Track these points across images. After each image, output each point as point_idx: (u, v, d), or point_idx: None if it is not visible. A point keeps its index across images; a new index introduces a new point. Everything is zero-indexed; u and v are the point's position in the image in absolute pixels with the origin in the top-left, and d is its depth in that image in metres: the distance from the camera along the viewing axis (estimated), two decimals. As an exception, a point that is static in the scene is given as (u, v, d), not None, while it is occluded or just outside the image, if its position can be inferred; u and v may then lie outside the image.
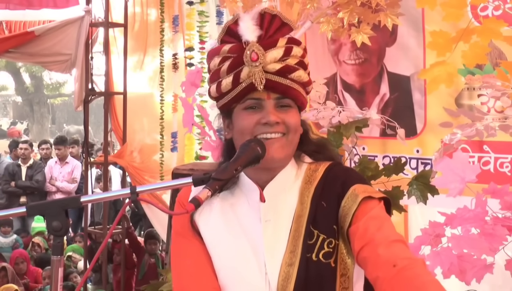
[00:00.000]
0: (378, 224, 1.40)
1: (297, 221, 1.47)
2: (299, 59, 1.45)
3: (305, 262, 1.43)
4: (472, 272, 2.21)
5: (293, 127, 1.46)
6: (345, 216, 1.43)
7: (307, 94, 1.50)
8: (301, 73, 1.45)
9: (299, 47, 1.46)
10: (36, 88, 19.89)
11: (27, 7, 5.54)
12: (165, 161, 5.55)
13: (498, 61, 2.75)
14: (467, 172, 2.18)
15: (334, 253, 1.43)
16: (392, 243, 1.36)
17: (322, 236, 1.44)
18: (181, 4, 5.42)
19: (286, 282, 1.43)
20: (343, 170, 1.55)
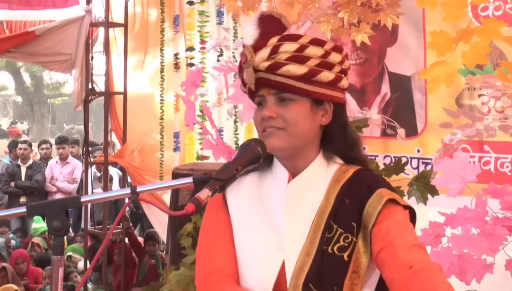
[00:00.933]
0: (400, 228, 1.46)
1: (320, 215, 1.52)
2: (291, 54, 1.51)
3: (321, 253, 1.48)
4: (472, 272, 2.21)
5: (291, 121, 1.51)
6: (370, 216, 1.47)
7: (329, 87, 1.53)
8: (290, 67, 1.50)
9: (295, 43, 1.52)
10: (36, 88, 19.88)
11: (27, 7, 5.54)
12: (165, 160, 5.55)
13: (499, 62, 2.75)
14: (467, 172, 2.18)
15: (349, 248, 1.47)
16: (411, 247, 1.42)
17: (340, 230, 1.49)
18: (182, 4, 5.42)
19: (301, 271, 1.47)
20: (373, 175, 1.61)
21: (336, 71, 1.54)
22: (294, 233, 1.52)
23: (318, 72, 1.51)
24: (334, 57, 1.54)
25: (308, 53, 1.52)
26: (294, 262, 1.49)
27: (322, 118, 1.55)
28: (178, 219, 3.62)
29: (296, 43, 1.52)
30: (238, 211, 1.60)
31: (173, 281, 2.65)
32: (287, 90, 1.52)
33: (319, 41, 1.56)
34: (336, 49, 1.56)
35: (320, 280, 1.46)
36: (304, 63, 1.51)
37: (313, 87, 1.52)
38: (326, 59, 1.53)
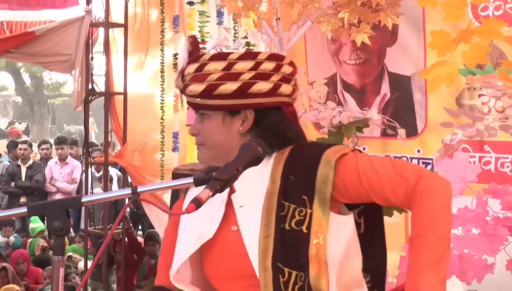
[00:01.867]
0: (370, 172, 1.52)
1: (269, 197, 1.56)
2: (192, 74, 1.62)
3: (279, 231, 1.52)
4: (473, 272, 2.21)
5: (205, 135, 1.63)
6: (325, 182, 1.52)
7: (237, 96, 1.59)
8: (192, 87, 1.60)
9: (195, 63, 1.62)
10: (36, 88, 19.88)
11: (27, 7, 5.54)
12: (165, 160, 5.55)
13: (499, 61, 2.75)
14: (467, 172, 2.18)
15: (306, 221, 1.51)
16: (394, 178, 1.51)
17: (293, 206, 1.54)
18: (182, 4, 5.42)
19: (266, 253, 1.52)
20: (308, 145, 1.68)
21: (245, 79, 1.57)
22: (248, 221, 1.57)
23: (218, 86, 1.57)
24: (241, 66, 1.59)
25: (207, 70, 1.59)
26: (256, 248, 1.53)
27: (240, 126, 1.61)
28: (178, 219, 3.61)
29: (197, 62, 1.61)
30: (183, 219, 1.70)
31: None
32: (196, 108, 1.64)
33: (221, 55, 1.63)
34: (244, 57, 1.60)
35: (287, 257, 1.51)
36: (203, 80, 1.59)
37: (215, 101, 1.59)
38: (231, 71, 1.58)
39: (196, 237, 1.63)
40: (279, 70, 1.61)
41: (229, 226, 1.62)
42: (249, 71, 1.58)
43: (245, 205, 1.60)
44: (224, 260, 1.61)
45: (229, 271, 1.60)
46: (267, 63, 1.60)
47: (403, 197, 1.51)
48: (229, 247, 1.60)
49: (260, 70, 1.59)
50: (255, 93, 1.58)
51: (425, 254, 1.43)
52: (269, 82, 1.59)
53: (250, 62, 1.59)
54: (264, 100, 1.59)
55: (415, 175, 1.50)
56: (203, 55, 1.63)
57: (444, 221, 1.49)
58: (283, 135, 1.63)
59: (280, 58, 1.65)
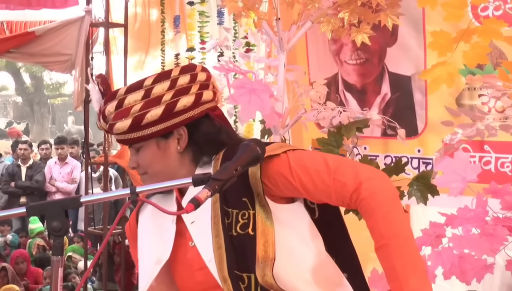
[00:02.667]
0: (305, 177, 1.51)
1: (214, 207, 1.57)
2: (114, 113, 1.60)
3: (229, 239, 1.54)
4: (473, 272, 2.21)
5: (145, 165, 1.64)
6: (255, 184, 1.54)
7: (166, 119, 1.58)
8: (117, 125, 1.58)
9: (113, 101, 1.60)
10: (36, 88, 19.89)
11: (26, 7, 5.54)
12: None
13: (499, 61, 2.74)
14: (468, 172, 2.18)
15: (250, 223, 1.53)
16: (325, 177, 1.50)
17: (235, 210, 1.55)
18: (182, 4, 5.41)
19: (221, 264, 1.53)
20: (240, 146, 1.63)
21: (168, 100, 1.56)
22: (201, 236, 1.59)
23: (143, 115, 1.56)
24: (158, 89, 1.58)
25: (127, 104, 1.58)
26: (213, 261, 1.54)
27: (178, 145, 1.62)
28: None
29: (115, 100, 1.60)
30: (140, 232, 1.74)
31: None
32: (129, 143, 1.63)
33: (135, 85, 1.60)
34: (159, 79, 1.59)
35: (240, 262, 1.52)
36: (127, 115, 1.57)
37: (146, 131, 1.58)
38: (150, 97, 1.57)
39: (154, 261, 1.64)
40: (195, 80, 1.61)
41: (186, 243, 1.63)
42: (168, 91, 1.58)
43: (195, 220, 1.60)
44: (190, 276, 1.63)
45: (197, 285, 1.62)
46: (182, 77, 1.60)
47: (340, 201, 1.51)
48: (191, 263, 1.62)
49: (178, 86, 1.59)
50: (181, 110, 1.58)
51: (398, 260, 1.40)
52: (190, 95, 1.59)
53: (166, 83, 1.59)
54: (192, 114, 1.59)
55: (353, 179, 1.47)
56: (117, 91, 1.61)
57: (400, 222, 1.45)
58: (216, 141, 1.64)
59: (192, 68, 1.65)
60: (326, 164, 1.52)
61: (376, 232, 1.45)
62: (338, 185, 1.48)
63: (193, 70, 1.63)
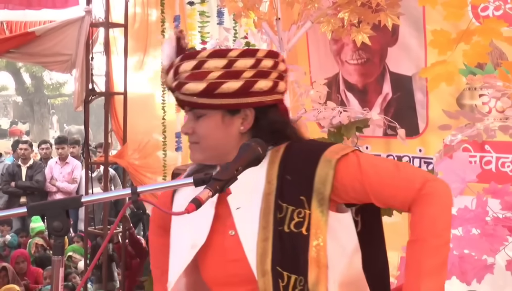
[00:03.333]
0: (372, 172, 1.50)
1: (266, 199, 1.53)
2: (190, 72, 1.54)
3: (278, 234, 1.49)
4: (473, 273, 2.21)
5: (202, 135, 1.57)
6: (323, 183, 1.49)
7: (239, 95, 1.54)
8: (189, 85, 1.53)
9: (192, 60, 1.54)
10: (37, 88, 19.88)
11: (27, 7, 5.54)
12: (168, 160, 5.55)
13: (499, 61, 2.74)
14: (467, 172, 2.18)
15: (305, 222, 1.49)
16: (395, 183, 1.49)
17: (291, 207, 1.50)
18: (182, 4, 5.41)
19: (264, 257, 1.49)
20: (305, 143, 1.63)
21: (247, 77, 1.53)
22: (246, 224, 1.54)
23: (219, 84, 1.51)
24: (241, 64, 1.53)
25: (207, 68, 1.52)
26: (254, 251, 1.50)
27: (241, 125, 1.57)
28: (178, 219, 3.61)
29: (194, 60, 1.54)
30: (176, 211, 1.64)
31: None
32: (193, 107, 1.57)
33: (220, 52, 1.56)
34: (244, 55, 1.55)
35: (286, 260, 1.48)
36: (203, 78, 1.52)
37: (217, 100, 1.53)
38: (232, 68, 1.53)
39: (190, 245, 1.60)
40: (276, 68, 1.58)
41: (225, 230, 1.58)
42: (250, 69, 1.54)
43: (242, 206, 1.56)
44: (222, 266, 1.58)
45: (228, 277, 1.57)
46: (266, 60, 1.56)
47: (404, 200, 1.49)
48: (226, 252, 1.57)
49: (260, 68, 1.55)
50: (256, 92, 1.54)
51: (427, 258, 1.42)
52: (269, 80, 1.56)
53: (250, 60, 1.54)
54: (264, 99, 1.56)
55: (420, 178, 1.48)
56: (199, 52, 1.56)
57: (446, 226, 1.48)
58: (281, 132, 1.60)
59: (276, 55, 1.61)
60: (394, 162, 1.55)
61: (418, 226, 1.46)
62: (406, 183, 1.48)
63: (276, 58, 1.59)
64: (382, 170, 1.50)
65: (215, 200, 1.56)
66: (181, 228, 1.64)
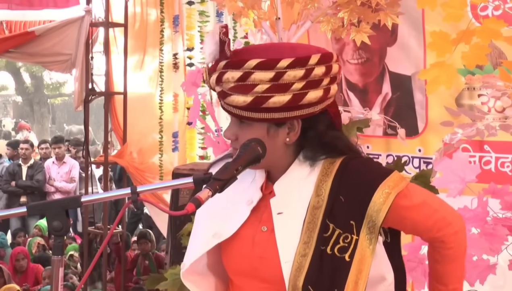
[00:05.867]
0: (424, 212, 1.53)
1: (312, 212, 1.47)
2: (235, 83, 1.45)
3: (319, 254, 1.44)
4: (475, 274, 2.21)
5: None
6: (377, 211, 1.45)
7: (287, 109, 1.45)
8: (234, 98, 1.45)
9: (238, 70, 1.44)
10: (36, 88, 19.87)
11: (28, 7, 5.54)
12: (164, 161, 5.55)
13: (499, 61, 2.74)
14: (467, 172, 2.18)
15: (350, 248, 1.44)
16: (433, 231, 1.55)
17: (338, 230, 1.45)
18: (181, 4, 5.42)
19: (299, 272, 1.43)
20: (363, 163, 1.55)
21: (296, 90, 1.43)
22: (286, 233, 1.49)
23: (266, 99, 1.42)
24: (291, 76, 1.42)
25: (253, 80, 1.43)
26: (290, 263, 1.45)
27: (287, 137, 1.49)
28: (179, 219, 3.61)
29: (240, 70, 1.44)
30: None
31: (169, 280, 2.64)
32: (237, 118, 1.49)
33: (269, 63, 1.43)
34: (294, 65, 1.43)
35: (320, 281, 1.43)
36: (249, 92, 1.43)
37: (263, 114, 1.44)
38: (279, 81, 1.42)
39: (212, 233, 1.56)
40: (329, 73, 1.48)
41: (258, 225, 1.54)
42: (300, 80, 1.43)
43: (284, 212, 1.50)
44: (247, 260, 1.54)
45: (252, 270, 1.54)
46: (318, 68, 1.45)
47: (435, 237, 1.55)
48: (255, 247, 1.53)
49: (311, 78, 1.44)
50: (306, 104, 1.45)
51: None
52: (319, 90, 1.46)
53: (300, 71, 1.43)
54: (314, 109, 1.47)
55: (456, 222, 1.56)
56: (246, 62, 1.44)
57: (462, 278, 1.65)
58: (332, 145, 1.52)
59: (329, 58, 1.49)
60: (438, 201, 1.60)
61: (454, 276, 1.59)
62: (444, 223, 1.54)
63: (329, 61, 1.48)
64: (426, 210, 1.54)
65: (255, 201, 1.54)
66: (207, 216, 1.60)
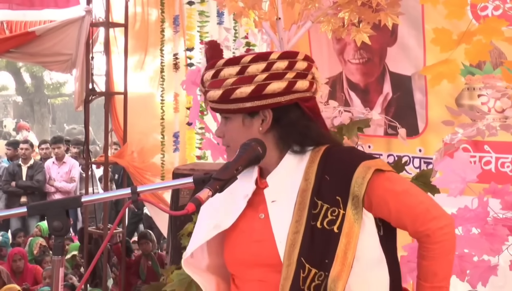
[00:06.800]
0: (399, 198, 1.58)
1: (302, 195, 1.60)
2: (210, 81, 1.66)
3: (310, 229, 1.55)
4: (477, 275, 2.21)
5: (229, 137, 1.68)
6: (359, 185, 1.55)
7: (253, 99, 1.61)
8: (210, 93, 1.65)
9: (212, 69, 1.66)
10: (37, 88, 19.88)
11: (29, 8, 5.54)
12: (166, 161, 5.55)
13: (499, 61, 2.74)
14: (467, 172, 2.18)
15: (338, 221, 1.55)
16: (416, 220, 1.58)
17: (326, 205, 1.57)
18: (182, 4, 5.41)
19: (292, 248, 1.55)
20: (346, 149, 1.71)
21: (259, 81, 1.59)
22: (279, 216, 1.61)
23: (233, 90, 1.60)
24: (253, 68, 1.61)
25: (223, 76, 1.63)
26: (284, 242, 1.56)
27: (260, 127, 1.64)
28: (179, 219, 3.61)
29: (213, 69, 1.66)
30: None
31: (175, 281, 2.65)
32: (216, 111, 1.70)
33: (235, 59, 1.65)
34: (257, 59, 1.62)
35: (312, 254, 1.54)
36: (220, 86, 1.63)
37: (234, 105, 1.62)
38: (244, 74, 1.61)
39: (213, 225, 1.68)
40: (292, 68, 1.62)
41: (255, 214, 1.66)
42: (262, 72, 1.61)
43: (277, 200, 1.63)
44: (247, 246, 1.65)
45: (251, 256, 1.64)
46: (279, 62, 1.62)
47: (419, 230, 1.57)
48: (253, 233, 1.64)
49: (273, 70, 1.61)
50: (270, 94, 1.60)
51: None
52: (283, 81, 1.61)
53: (262, 64, 1.62)
54: (280, 100, 1.61)
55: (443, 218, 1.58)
56: (219, 61, 1.66)
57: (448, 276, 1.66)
58: (306, 133, 1.65)
59: (293, 55, 1.66)
60: (422, 194, 1.63)
61: (439, 274, 1.62)
62: (429, 216, 1.57)
63: (293, 58, 1.64)
64: (410, 199, 1.58)
65: (250, 193, 1.66)
66: (208, 210, 1.72)
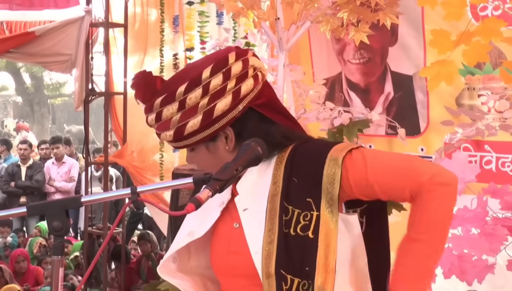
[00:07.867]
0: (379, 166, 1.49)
1: (272, 200, 1.52)
2: (156, 125, 1.60)
3: (283, 237, 1.48)
4: (474, 273, 2.21)
5: (201, 166, 1.62)
6: (332, 182, 1.48)
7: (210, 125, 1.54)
8: (163, 136, 1.59)
9: (152, 113, 1.59)
10: (36, 88, 19.87)
11: (29, 8, 5.54)
12: (165, 161, 5.55)
13: (499, 61, 2.74)
14: (466, 172, 2.18)
15: (312, 225, 1.47)
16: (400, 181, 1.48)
17: (297, 210, 1.49)
18: (181, 4, 5.41)
19: (269, 259, 1.48)
20: (310, 144, 1.59)
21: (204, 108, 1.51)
22: (252, 226, 1.53)
23: (184, 126, 1.53)
24: (192, 98, 1.52)
25: (165, 117, 1.55)
26: (260, 254, 1.49)
27: (226, 145, 1.58)
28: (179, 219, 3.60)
29: (152, 112, 1.59)
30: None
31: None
32: (179, 148, 1.66)
33: (168, 97, 1.54)
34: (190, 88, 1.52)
35: (290, 263, 1.47)
36: (168, 127, 1.56)
37: (191, 139, 1.56)
38: (186, 108, 1.52)
39: (187, 232, 1.65)
40: (229, 77, 1.53)
41: (231, 222, 1.60)
42: (202, 98, 1.51)
43: (249, 207, 1.56)
44: (224, 257, 1.60)
45: (229, 268, 1.59)
46: (214, 79, 1.52)
47: (411, 190, 1.47)
48: (229, 244, 1.59)
49: (212, 90, 1.51)
50: (221, 115, 1.53)
51: (419, 263, 1.47)
52: (227, 96, 1.52)
53: (198, 90, 1.51)
54: (233, 114, 1.54)
55: (428, 171, 1.46)
56: (154, 102, 1.58)
57: (445, 230, 1.50)
58: (268, 140, 1.54)
59: (223, 63, 1.54)
60: (401, 154, 1.55)
61: (421, 225, 1.47)
62: (414, 173, 1.46)
63: (225, 66, 1.53)
64: (388, 161, 1.49)
65: (225, 201, 1.60)
66: (188, 218, 1.68)
